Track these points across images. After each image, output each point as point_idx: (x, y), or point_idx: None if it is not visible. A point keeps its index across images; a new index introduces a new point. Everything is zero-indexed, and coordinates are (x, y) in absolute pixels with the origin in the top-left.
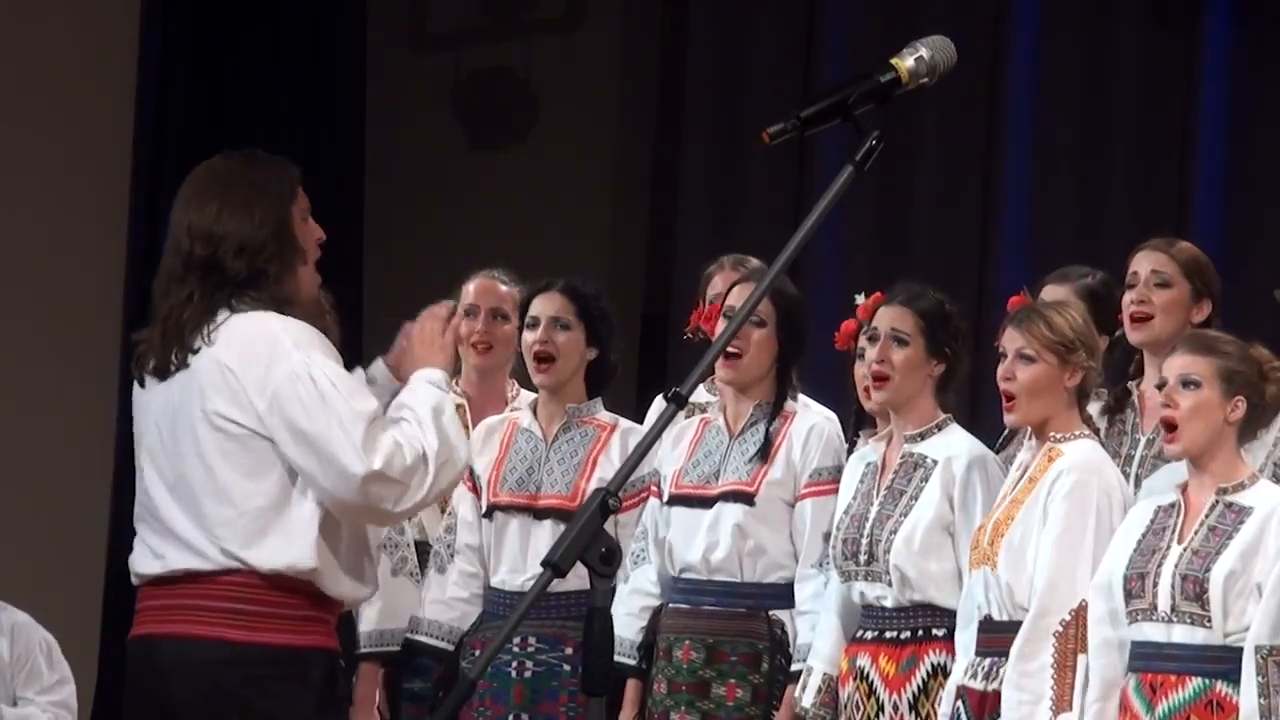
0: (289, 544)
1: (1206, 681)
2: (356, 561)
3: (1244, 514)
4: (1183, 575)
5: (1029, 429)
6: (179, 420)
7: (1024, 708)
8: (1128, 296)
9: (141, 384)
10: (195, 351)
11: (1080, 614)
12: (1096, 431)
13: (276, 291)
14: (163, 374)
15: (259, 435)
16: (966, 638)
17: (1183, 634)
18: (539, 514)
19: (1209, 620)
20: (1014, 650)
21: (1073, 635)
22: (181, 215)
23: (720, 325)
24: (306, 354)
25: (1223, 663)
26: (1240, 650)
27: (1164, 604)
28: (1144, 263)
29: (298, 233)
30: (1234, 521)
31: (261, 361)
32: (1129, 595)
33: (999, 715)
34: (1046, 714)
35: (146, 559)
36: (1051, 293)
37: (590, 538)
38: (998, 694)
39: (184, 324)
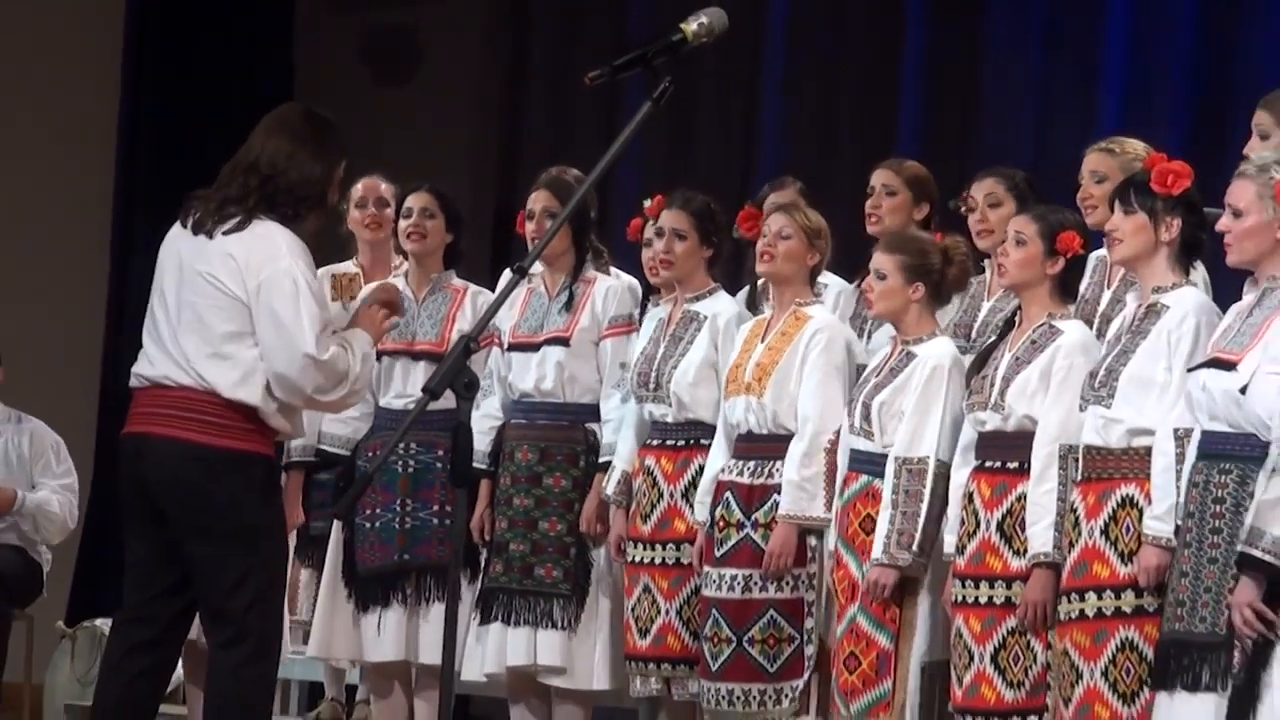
0: (244, 381)
1: (869, 479)
2: (289, 411)
3: (912, 359)
4: (863, 402)
5: (773, 300)
6: (189, 269)
7: (803, 500)
8: (868, 203)
9: (183, 225)
10: (225, 233)
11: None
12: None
13: (295, 218)
14: (198, 230)
15: (242, 302)
16: (722, 447)
17: (861, 444)
18: (416, 356)
19: (872, 435)
20: (793, 459)
21: (834, 450)
22: (263, 140)
23: (529, 225)
24: (295, 262)
25: (881, 465)
26: None
27: (857, 422)
28: (877, 178)
29: (330, 194)
30: (904, 364)
31: (262, 254)
32: (849, 414)
33: (764, 503)
34: (820, 506)
35: (144, 363)
36: (781, 196)
37: (457, 372)
38: (764, 487)
39: (228, 211)
